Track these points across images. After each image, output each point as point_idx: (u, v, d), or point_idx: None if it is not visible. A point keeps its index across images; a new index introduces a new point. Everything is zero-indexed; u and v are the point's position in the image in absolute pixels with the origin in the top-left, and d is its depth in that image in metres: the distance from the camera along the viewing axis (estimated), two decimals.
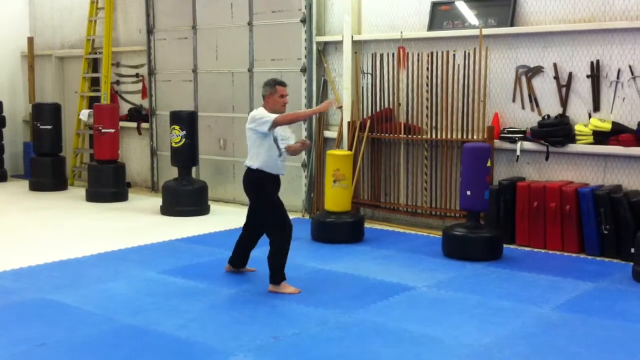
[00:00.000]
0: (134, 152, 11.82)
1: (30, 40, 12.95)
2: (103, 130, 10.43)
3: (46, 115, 11.42)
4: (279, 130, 5.96)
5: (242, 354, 4.53)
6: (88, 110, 11.49)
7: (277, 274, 5.88)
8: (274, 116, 5.79)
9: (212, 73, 10.44)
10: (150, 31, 11.06)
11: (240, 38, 9.98)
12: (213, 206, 9.71)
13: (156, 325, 5.05)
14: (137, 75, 11.56)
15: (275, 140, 5.92)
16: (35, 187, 11.41)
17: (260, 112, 5.90)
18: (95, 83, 12.01)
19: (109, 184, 10.48)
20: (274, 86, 5.94)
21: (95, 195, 10.40)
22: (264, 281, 6.09)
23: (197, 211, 9.35)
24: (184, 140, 9.39)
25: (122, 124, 11.17)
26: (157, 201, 9.80)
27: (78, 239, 7.94)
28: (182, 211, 9.25)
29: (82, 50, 11.99)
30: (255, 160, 5.93)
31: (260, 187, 5.97)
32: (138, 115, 11.50)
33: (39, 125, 11.42)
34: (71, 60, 12.69)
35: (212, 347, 4.65)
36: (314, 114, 5.62)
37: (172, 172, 9.88)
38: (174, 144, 9.47)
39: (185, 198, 9.37)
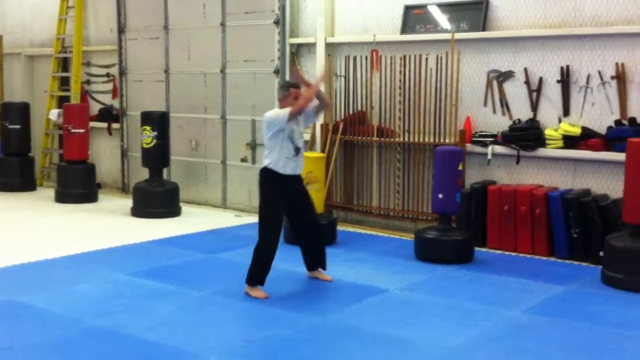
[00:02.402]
0: (104, 153, 11.69)
1: (0, 39, 12.79)
2: (73, 131, 10.30)
3: (15, 115, 11.26)
4: (293, 127, 5.88)
5: (213, 357, 4.50)
6: (58, 110, 11.35)
7: (251, 276, 5.83)
8: (286, 111, 5.76)
9: (184, 73, 10.37)
10: (121, 30, 10.95)
11: (212, 39, 9.93)
12: (184, 208, 9.64)
13: (125, 328, 4.99)
14: (107, 75, 11.44)
15: (290, 138, 5.85)
16: (3, 187, 11.23)
17: (273, 113, 5.87)
18: (65, 82, 11.87)
19: (78, 185, 10.35)
20: (287, 89, 5.99)
21: (65, 196, 10.27)
22: (235, 283, 6.06)
23: (168, 213, 9.27)
24: (155, 141, 9.31)
25: (92, 124, 11.04)
26: (128, 202, 9.71)
27: (47, 240, 7.83)
28: (153, 213, 9.17)
29: (52, 49, 11.83)
30: (268, 159, 5.87)
31: (264, 186, 5.91)
32: (108, 115, 11.38)
33: (7, 124, 11.24)
34: (41, 59, 12.53)
35: (182, 350, 4.61)
36: (313, 96, 5.63)
37: (143, 173, 9.78)
38: (145, 145, 9.38)
39: (156, 199, 9.29)
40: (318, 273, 6.29)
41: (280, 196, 5.89)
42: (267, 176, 5.87)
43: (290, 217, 6.22)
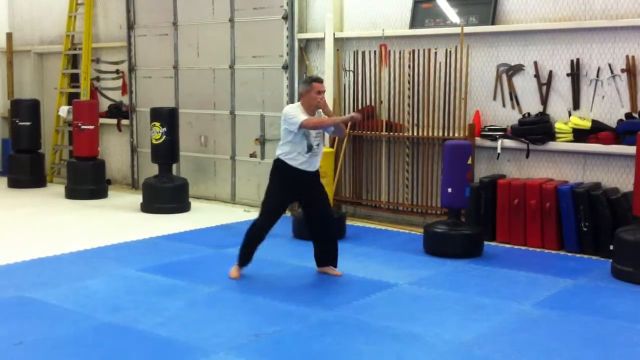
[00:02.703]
0: (114, 149, 11.73)
1: (9, 36, 12.81)
2: (82, 127, 10.34)
3: (25, 112, 11.30)
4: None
5: (223, 352, 4.51)
6: (67, 107, 11.40)
7: (239, 256, 6.15)
8: (302, 119, 5.81)
9: (193, 70, 10.38)
10: (130, 27, 10.97)
11: (221, 35, 9.94)
12: (194, 203, 9.67)
13: (135, 324, 5.01)
14: (117, 71, 11.47)
15: (306, 135, 5.92)
16: (13, 184, 11.29)
17: (291, 111, 5.93)
18: (74, 79, 11.91)
19: (88, 181, 10.39)
20: (310, 83, 5.99)
21: (75, 192, 10.31)
22: (245, 279, 6.08)
23: (177, 208, 9.30)
24: (164, 137, 9.33)
25: (101, 120, 11.08)
26: (137, 198, 9.74)
27: (57, 236, 7.87)
28: (163, 208, 9.20)
29: (62, 46, 11.87)
30: (280, 149, 6.00)
31: (272, 174, 6.08)
32: (118, 111, 11.41)
33: (17, 121, 11.30)
34: (50, 56, 12.57)
35: (192, 345, 4.62)
36: (340, 122, 5.87)
37: (153, 169, 9.82)
38: (154, 141, 9.41)
39: (166, 195, 9.31)
40: (328, 268, 6.30)
41: (285, 188, 6.00)
42: (277, 166, 6.03)
43: (306, 210, 6.25)
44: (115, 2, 11.31)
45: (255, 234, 6.11)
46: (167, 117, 9.41)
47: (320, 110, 6.07)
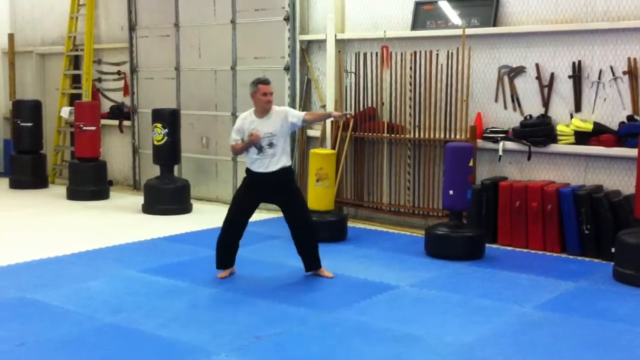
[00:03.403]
0: (116, 150, 11.74)
1: (11, 37, 12.83)
2: (84, 128, 10.35)
3: (27, 113, 11.32)
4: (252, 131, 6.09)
5: (224, 354, 4.51)
6: (69, 108, 11.41)
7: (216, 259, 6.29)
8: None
9: (194, 71, 10.39)
10: (132, 28, 10.98)
11: (223, 36, 9.94)
12: (195, 205, 9.67)
13: (137, 325, 5.01)
14: (118, 72, 11.48)
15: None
16: (15, 184, 11.31)
17: (240, 120, 6.27)
18: (76, 80, 11.92)
19: (90, 182, 10.40)
20: (256, 85, 6.13)
21: (76, 193, 10.32)
22: (246, 280, 6.08)
23: (179, 210, 9.30)
24: (166, 138, 9.33)
25: (103, 121, 11.08)
26: (139, 199, 9.74)
27: (58, 237, 7.87)
28: (164, 210, 9.20)
29: (63, 47, 11.88)
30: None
31: (243, 181, 6.29)
32: (120, 112, 11.42)
33: (19, 122, 11.32)
34: (52, 57, 12.58)
35: (193, 347, 4.62)
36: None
37: (154, 171, 9.82)
38: (156, 142, 9.41)
39: (167, 196, 9.32)
40: (319, 271, 6.31)
41: (247, 191, 6.19)
42: (246, 173, 6.25)
43: (283, 213, 6.31)
44: (117, 3, 11.33)
45: (222, 238, 6.23)
46: (169, 118, 9.42)
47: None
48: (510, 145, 7.70)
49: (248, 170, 6.18)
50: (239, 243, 6.26)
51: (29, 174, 11.34)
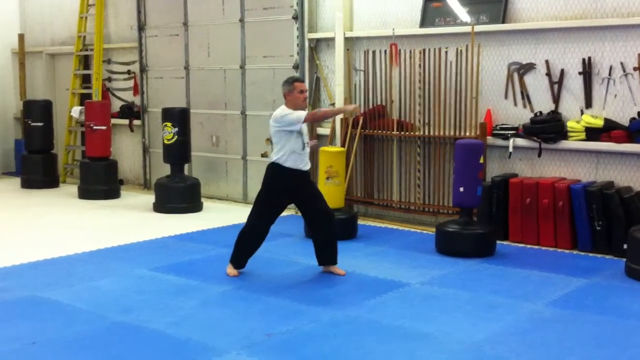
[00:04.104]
0: (126, 149, 11.77)
1: (21, 37, 12.88)
2: (95, 127, 10.39)
3: (37, 112, 11.37)
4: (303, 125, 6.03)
5: (235, 351, 4.52)
6: (79, 107, 11.44)
7: (232, 256, 6.23)
8: (302, 114, 5.92)
9: (203, 70, 10.41)
10: (141, 28, 11.01)
11: (231, 35, 9.95)
12: (206, 203, 9.69)
13: (148, 323, 5.03)
14: (128, 72, 11.51)
15: (301, 133, 6.00)
16: (26, 184, 11.36)
17: (283, 111, 6.00)
18: (86, 80, 11.96)
19: (101, 181, 10.44)
20: (292, 83, 6.06)
21: (87, 192, 10.36)
22: (257, 278, 6.09)
23: (189, 208, 9.32)
24: (176, 137, 9.36)
25: (113, 121, 11.12)
26: (150, 198, 9.77)
27: (70, 236, 7.91)
28: (175, 208, 9.23)
29: (73, 47, 11.92)
30: (277, 153, 6.02)
31: (268, 179, 6.11)
32: (130, 112, 11.45)
33: (30, 122, 11.37)
34: (62, 57, 12.63)
35: (204, 345, 4.64)
36: (339, 113, 6.17)
37: (165, 169, 9.85)
38: (166, 141, 9.44)
39: (178, 195, 9.34)
40: (331, 267, 6.30)
41: (283, 191, 6.06)
42: (275, 171, 6.05)
43: (305, 209, 6.26)
44: (126, 3, 11.36)
45: (250, 242, 6.18)
46: (179, 117, 9.44)
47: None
48: (520, 142, 7.68)
49: (289, 171, 5.98)
50: (261, 245, 6.27)
51: (40, 173, 11.39)
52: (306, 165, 6.09)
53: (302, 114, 5.91)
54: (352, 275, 6.26)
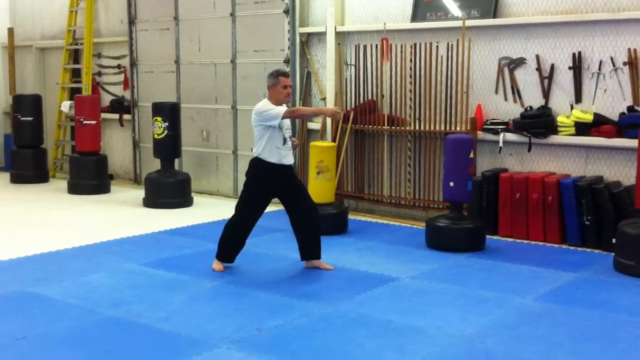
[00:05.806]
0: (116, 144, 11.74)
1: (10, 31, 12.81)
2: (84, 122, 10.35)
3: (27, 107, 11.31)
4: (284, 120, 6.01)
5: (226, 346, 4.53)
6: (69, 102, 11.41)
7: (218, 251, 6.22)
8: (282, 110, 5.88)
9: (194, 64, 10.38)
10: (131, 22, 10.96)
11: (222, 29, 9.93)
12: (196, 198, 9.68)
13: (138, 318, 5.02)
14: (118, 66, 11.47)
15: (280, 128, 5.97)
16: (16, 179, 11.31)
17: (264, 105, 5.98)
18: (76, 74, 11.90)
19: (90, 176, 10.41)
20: (277, 77, 6.02)
21: (77, 187, 10.33)
22: (247, 273, 6.09)
23: (180, 203, 9.31)
24: (166, 131, 9.33)
25: (103, 115, 11.08)
26: (140, 193, 9.75)
27: (59, 231, 7.88)
28: (165, 203, 9.21)
29: (63, 41, 11.87)
30: (257, 147, 6.01)
31: (252, 174, 6.08)
32: (120, 106, 11.42)
33: (19, 117, 11.31)
34: (52, 51, 12.58)
35: (195, 339, 4.63)
36: (319, 114, 6.06)
37: (155, 164, 9.82)
38: (156, 136, 9.41)
39: (168, 190, 9.32)
40: (318, 262, 6.29)
41: (267, 187, 6.04)
42: (257, 165, 6.04)
43: (289, 204, 6.20)
44: None
45: (235, 237, 6.15)
46: (169, 112, 9.41)
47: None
48: (510, 136, 7.70)
49: (271, 166, 5.97)
50: (246, 240, 6.25)
51: (29, 168, 11.34)
52: (289, 160, 6.07)
53: (281, 110, 5.89)
54: (343, 270, 6.27)
